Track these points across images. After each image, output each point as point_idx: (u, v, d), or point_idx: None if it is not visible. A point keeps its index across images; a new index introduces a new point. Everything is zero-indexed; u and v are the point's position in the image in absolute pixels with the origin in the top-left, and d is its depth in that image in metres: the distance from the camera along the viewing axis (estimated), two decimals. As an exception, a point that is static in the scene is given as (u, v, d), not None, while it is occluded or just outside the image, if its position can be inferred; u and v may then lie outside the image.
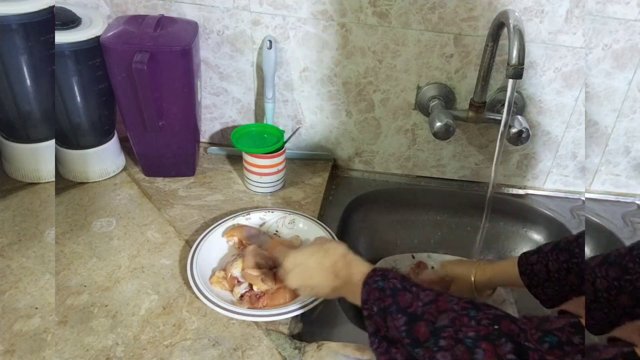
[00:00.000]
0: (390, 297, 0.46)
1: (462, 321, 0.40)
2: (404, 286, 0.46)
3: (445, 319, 0.41)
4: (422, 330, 0.42)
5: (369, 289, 0.49)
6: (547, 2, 0.86)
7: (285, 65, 0.97)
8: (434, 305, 0.43)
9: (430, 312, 0.43)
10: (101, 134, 0.93)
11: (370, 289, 0.49)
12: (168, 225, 0.86)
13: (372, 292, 0.48)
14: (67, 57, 0.81)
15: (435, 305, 0.43)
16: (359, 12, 0.89)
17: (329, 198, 1.02)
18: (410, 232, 1.08)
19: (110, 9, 0.94)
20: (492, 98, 0.96)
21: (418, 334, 0.42)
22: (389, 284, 0.47)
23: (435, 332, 0.41)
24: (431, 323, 0.42)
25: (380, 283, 0.48)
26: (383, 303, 0.46)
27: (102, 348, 0.65)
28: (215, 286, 0.74)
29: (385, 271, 0.50)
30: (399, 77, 0.96)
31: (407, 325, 0.43)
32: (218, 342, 0.67)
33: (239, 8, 0.92)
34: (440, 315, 0.42)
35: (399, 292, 0.46)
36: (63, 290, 0.72)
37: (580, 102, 0.96)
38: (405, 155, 1.06)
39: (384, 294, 0.47)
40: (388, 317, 0.46)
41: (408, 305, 0.45)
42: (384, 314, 0.46)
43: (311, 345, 0.67)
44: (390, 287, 0.47)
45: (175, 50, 0.82)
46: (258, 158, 0.91)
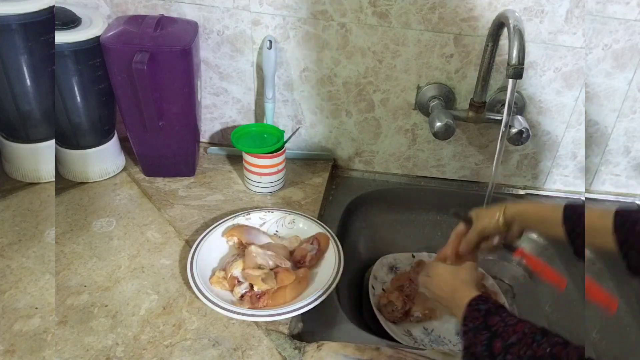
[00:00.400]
0: (483, 317, 0.56)
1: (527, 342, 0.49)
2: (497, 311, 0.56)
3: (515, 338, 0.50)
4: (497, 346, 0.51)
5: (470, 309, 0.58)
6: (547, 2, 0.86)
7: (285, 65, 0.97)
8: (512, 328, 0.52)
9: (507, 332, 0.52)
10: (101, 134, 0.93)
11: (471, 309, 0.58)
12: (168, 225, 0.86)
13: (472, 312, 0.57)
14: (67, 57, 0.81)
15: (513, 328, 0.52)
16: (359, 12, 0.89)
17: (329, 198, 1.02)
18: (410, 232, 1.08)
19: (110, 9, 0.94)
20: (492, 98, 0.96)
21: (494, 349, 0.52)
22: (485, 307, 0.57)
23: (506, 348, 0.50)
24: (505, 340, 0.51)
25: (481, 306, 0.57)
26: (477, 321, 0.56)
27: (102, 348, 0.65)
28: (215, 286, 0.74)
29: (488, 297, 0.59)
30: (399, 77, 0.96)
31: (487, 340, 0.53)
32: (218, 342, 0.67)
33: (239, 8, 0.92)
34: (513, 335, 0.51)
35: (491, 314, 0.55)
36: (63, 290, 0.72)
37: (580, 102, 0.96)
38: (405, 155, 1.06)
39: (479, 314, 0.57)
40: (477, 332, 0.55)
41: (493, 325, 0.54)
42: (475, 330, 0.55)
43: (311, 345, 0.67)
44: (485, 309, 0.56)
45: (175, 50, 0.82)
46: (258, 158, 0.91)
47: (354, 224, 1.02)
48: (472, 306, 0.58)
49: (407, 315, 0.87)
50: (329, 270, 0.77)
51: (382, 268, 0.97)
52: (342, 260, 0.79)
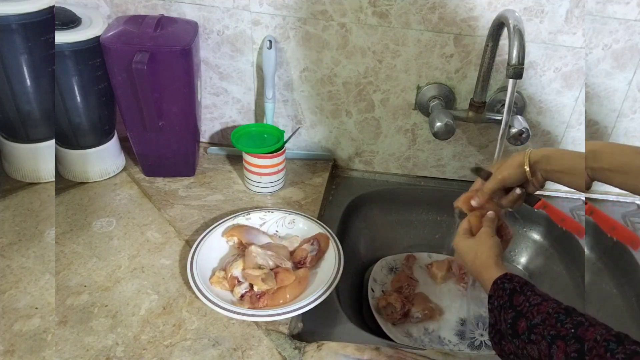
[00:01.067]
0: (508, 296, 0.56)
1: (551, 322, 0.49)
2: (522, 289, 0.56)
3: (539, 318, 0.50)
4: (522, 325, 0.52)
5: (496, 287, 0.58)
6: (547, 2, 0.86)
7: (285, 65, 0.97)
8: (536, 308, 0.52)
9: (532, 312, 0.52)
10: (101, 134, 0.93)
11: (497, 287, 0.58)
12: (168, 225, 0.86)
13: (497, 291, 0.58)
14: (67, 57, 0.81)
15: (537, 308, 0.52)
16: (359, 12, 0.89)
17: (329, 198, 1.02)
18: (410, 232, 1.08)
19: (110, 9, 0.94)
20: (492, 98, 0.96)
21: (518, 328, 0.52)
22: (510, 286, 0.57)
23: (530, 328, 0.51)
24: (529, 321, 0.51)
25: (506, 285, 0.57)
26: (502, 300, 0.56)
27: (102, 348, 0.65)
28: (215, 286, 0.74)
29: (513, 276, 0.59)
30: (399, 77, 0.96)
31: (512, 319, 0.54)
32: (218, 342, 0.67)
33: (239, 8, 0.92)
34: (538, 315, 0.51)
35: (515, 293, 0.55)
36: (63, 290, 0.72)
37: (580, 102, 0.96)
38: (405, 155, 1.06)
39: (505, 292, 0.57)
40: (502, 311, 0.55)
41: (518, 305, 0.54)
42: (500, 309, 0.56)
43: (311, 345, 0.67)
44: (510, 288, 0.57)
45: (175, 50, 0.82)
46: (258, 158, 0.91)
47: (354, 224, 1.02)
48: (498, 285, 0.58)
49: (406, 316, 0.87)
50: (329, 271, 0.77)
51: (381, 270, 0.97)
52: (342, 260, 0.79)
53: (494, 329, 0.57)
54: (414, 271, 0.98)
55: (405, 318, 0.87)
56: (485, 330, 0.87)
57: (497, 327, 0.57)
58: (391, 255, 1.01)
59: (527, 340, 0.51)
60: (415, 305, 0.89)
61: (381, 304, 0.88)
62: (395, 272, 0.97)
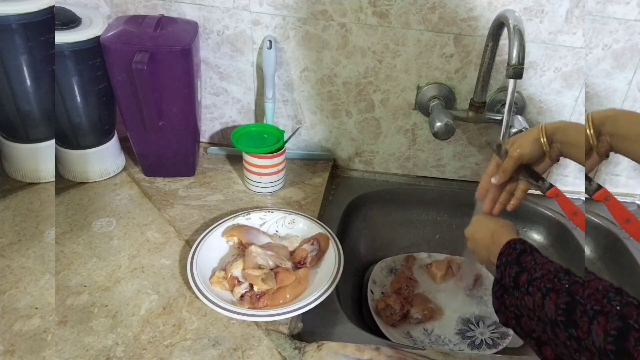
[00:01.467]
0: (517, 254, 0.58)
1: (549, 277, 0.51)
2: (530, 251, 0.57)
3: (540, 273, 0.52)
4: (523, 278, 0.54)
5: (507, 247, 0.60)
6: (547, 2, 0.86)
7: (285, 65, 0.97)
8: (540, 265, 0.54)
9: (535, 268, 0.54)
10: (101, 134, 0.93)
11: (508, 246, 0.60)
12: (168, 225, 0.86)
13: (507, 249, 0.60)
14: (67, 57, 0.81)
15: (542, 266, 0.53)
16: (359, 12, 0.89)
17: (329, 198, 1.02)
18: (410, 232, 1.08)
19: (110, 9, 0.94)
20: (492, 98, 0.96)
21: (519, 281, 0.54)
22: (521, 247, 0.59)
23: (529, 281, 0.53)
24: (531, 274, 0.53)
25: (517, 245, 0.59)
26: (510, 257, 0.58)
27: (102, 348, 0.65)
28: (215, 286, 0.74)
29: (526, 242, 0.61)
30: (399, 77, 0.96)
31: (516, 274, 0.56)
32: (218, 342, 0.67)
33: (239, 8, 0.92)
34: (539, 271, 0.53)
35: (524, 253, 0.57)
36: (63, 290, 0.72)
37: (580, 102, 0.96)
38: (405, 155, 1.06)
39: (514, 251, 0.59)
40: (508, 266, 0.57)
41: (524, 262, 0.56)
42: (507, 264, 0.58)
43: (311, 345, 0.67)
44: (520, 248, 0.58)
45: (175, 50, 0.82)
46: (258, 158, 0.91)
47: (354, 224, 1.02)
48: (510, 244, 0.60)
49: (405, 318, 0.87)
50: (329, 271, 0.77)
51: (381, 271, 0.97)
52: (342, 260, 0.79)
53: (499, 283, 0.59)
54: (413, 271, 0.98)
55: (404, 319, 0.87)
56: (486, 329, 0.87)
57: (501, 282, 0.58)
58: (391, 255, 1.01)
59: (524, 292, 0.53)
60: (414, 306, 0.89)
61: (380, 306, 0.88)
62: (395, 273, 0.97)
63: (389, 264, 0.99)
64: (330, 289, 0.73)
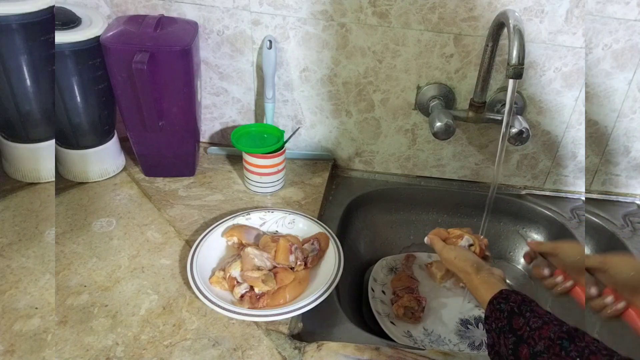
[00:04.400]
0: (507, 319, 0.55)
1: (555, 350, 0.48)
2: (520, 310, 0.54)
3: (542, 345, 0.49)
4: (524, 352, 0.50)
5: (492, 308, 0.57)
6: (547, 2, 0.86)
7: (285, 65, 0.97)
8: (538, 332, 0.50)
9: (533, 338, 0.50)
10: (101, 134, 0.93)
11: (493, 308, 0.57)
12: (168, 225, 0.86)
13: (494, 312, 0.57)
14: (67, 57, 0.81)
15: (539, 332, 0.50)
16: (359, 12, 0.89)
17: (329, 198, 1.02)
18: (410, 232, 1.08)
19: (110, 9, 0.94)
20: (492, 98, 0.96)
21: (520, 354, 0.51)
22: (507, 307, 0.56)
23: (533, 356, 0.49)
24: (532, 347, 0.50)
25: (502, 305, 0.56)
26: (500, 323, 0.55)
27: (102, 348, 0.65)
28: (215, 286, 0.74)
29: (509, 294, 0.58)
30: (399, 77, 0.96)
31: (514, 345, 0.52)
32: (218, 342, 0.67)
33: (239, 8, 0.92)
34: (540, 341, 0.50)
35: (514, 316, 0.54)
36: (63, 290, 0.72)
37: (580, 102, 0.96)
38: (405, 155, 1.06)
39: (502, 315, 0.55)
40: (501, 335, 0.54)
41: (518, 329, 0.53)
42: (499, 332, 0.55)
43: (311, 345, 0.67)
44: (508, 310, 0.55)
45: (175, 50, 0.82)
46: (258, 158, 0.91)
47: (354, 224, 1.02)
48: (494, 305, 0.57)
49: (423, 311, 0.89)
50: (329, 270, 0.77)
51: (381, 270, 0.97)
52: (342, 260, 0.79)
53: (493, 349, 0.56)
54: (413, 271, 0.98)
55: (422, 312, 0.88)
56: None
57: (496, 349, 0.56)
58: (391, 255, 1.01)
59: None
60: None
61: (399, 313, 0.87)
62: (395, 272, 0.97)
63: (389, 263, 0.99)
64: (330, 289, 0.73)
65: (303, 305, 0.70)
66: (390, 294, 0.93)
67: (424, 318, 0.89)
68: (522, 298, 0.56)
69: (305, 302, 0.70)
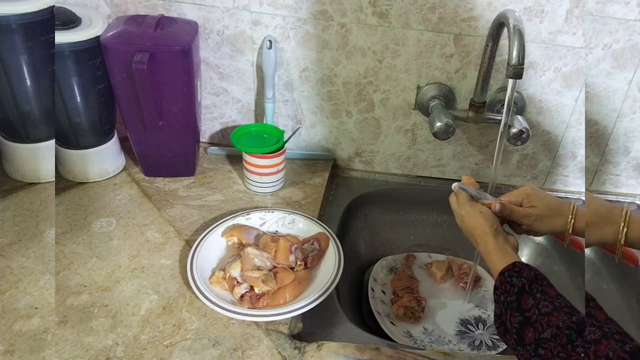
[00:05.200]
0: (516, 295, 0.53)
1: (561, 340, 0.46)
2: (531, 289, 0.52)
3: (549, 333, 0.47)
4: (529, 335, 0.49)
5: (503, 280, 0.55)
6: (547, 2, 0.86)
7: (285, 65, 0.97)
8: (547, 319, 0.49)
9: (541, 323, 0.49)
10: (101, 134, 0.93)
11: (504, 280, 0.55)
12: (168, 225, 0.86)
13: (504, 284, 0.55)
14: (67, 57, 0.81)
15: (548, 319, 0.48)
16: (359, 12, 0.89)
17: (329, 198, 1.02)
18: (410, 232, 1.08)
19: (110, 9, 0.94)
20: (492, 98, 0.96)
21: (525, 336, 0.50)
22: (519, 282, 0.53)
23: (538, 342, 0.48)
24: (538, 333, 0.48)
25: (514, 279, 0.54)
26: (509, 297, 0.53)
27: (102, 348, 0.65)
28: (215, 286, 0.74)
29: (522, 268, 0.55)
30: (399, 77, 0.96)
31: (519, 324, 0.51)
32: (218, 342, 0.67)
33: (239, 8, 0.92)
34: (548, 329, 0.48)
35: (524, 294, 0.52)
36: (63, 290, 0.72)
37: (580, 102, 0.96)
38: (405, 155, 1.06)
39: (512, 289, 0.53)
40: (509, 310, 0.53)
41: (527, 309, 0.51)
42: (507, 306, 0.53)
43: (311, 345, 0.67)
44: (519, 285, 0.53)
45: (175, 50, 0.82)
46: (258, 158, 0.91)
47: (354, 224, 1.02)
48: (505, 277, 0.55)
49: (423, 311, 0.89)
50: (329, 270, 0.77)
51: (381, 270, 0.97)
52: (342, 260, 0.79)
53: (499, 319, 0.55)
54: (413, 271, 0.98)
55: (413, 315, 0.88)
56: (486, 330, 0.87)
57: (502, 319, 0.55)
58: (391, 255, 1.01)
59: (533, 353, 0.48)
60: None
61: (399, 313, 0.87)
62: (395, 272, 0.97)
63: (389, 263, 0.99)
64: (330, 289, 0.73)
65: (303, 305, 0.70)
66: (390, 294, 0.93)
67: (424, 318, 0.89)
68: (535, 275, 0.54)
69: (305, 302, 0.70)
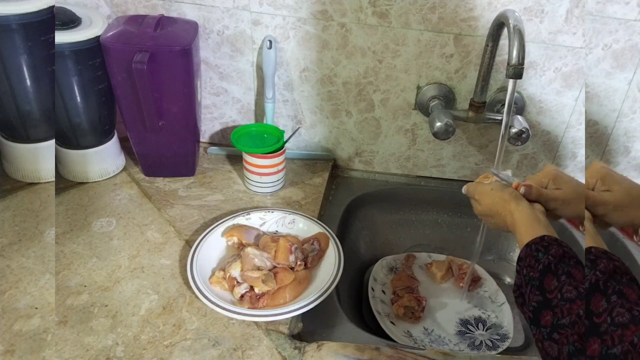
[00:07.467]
0: (540, 272, 0.50)
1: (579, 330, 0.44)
2: (556, 270, 0.49)
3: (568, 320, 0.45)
4: (547, 318, 0.47)
5: (529, 253, 0.53)
6: (547, 2, 0.86)
7: (285, 65, 0.97)
8: (568, 305, 0.46)
9: (562, 309, 0.46)
10: (101, 134, 0.93)
11: (529, 253, 0.53)
12: (168, 225, 0.86)
13: (529, 258, 0.52)
14: (67, 57, 0.81)
15: (569, 306, 0.46)
16: (359, 12, 0.89)
17: (329, 198, 1.02)
18: (410, 232, 1.08)
19: (110, 9, 0.94)
20: (492, 98, 0.96)
21: (542, 318, 0.48)
22: (545, 259, 0.50)
23: (555, 326, 0.46)
24: (557, 318, 0.46)
25: (540, 255, 0.51)
26: (532, 273, 0.51)
27: (102, 348, 0.65)
28: (215, 286, 0.74)
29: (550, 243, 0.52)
30: (399, 77, 0.96)
31: (538, 304, 0.49)
32: (218, 342, 0.67)
33: (239, 8, 0.92)
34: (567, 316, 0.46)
35: (549, 273, 0.49)
36: (63, 290, 0.72)
37: (580, 102, 0.96)
38: (405, 155, 1.06)
39: (537, 265, 0.51)
40: (529, 285, 0.51)
41: (549, 291, 0.48)
42: (528, 281, 0.51)
43: (311, 345, 0.67)
44: (544, 263, 0.50)
45: (175, 50, 0.82)
46: (258, 158, 0.91)
47: (354, 224, 1.02)
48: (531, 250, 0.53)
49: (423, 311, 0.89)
50: (329, 270, 0.77)
51: (381, 269, 0.97)
52: (342, 260, 0.79)
53: (519, 289, 0.53)
54: (413, 271, 0.98)
55: (413, 315, 0.88)
56: (485, 332, 0.87)
57: (522, 290, 0.53)
58: (391, 255, 1.01)
59: (546, 337, 0.47)
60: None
61: (399, 312, 0.87)
62: (396, 272, 0.97)
63: (389, 263, 0.99)
64: (330, 289, 0.73)
65: (303, 305, 0.70)
66: (390, 294, 0.93)
67: (424, 318, 0.89)
68: (563, 252, 0.51)
69: (305, 302, 0.70)
